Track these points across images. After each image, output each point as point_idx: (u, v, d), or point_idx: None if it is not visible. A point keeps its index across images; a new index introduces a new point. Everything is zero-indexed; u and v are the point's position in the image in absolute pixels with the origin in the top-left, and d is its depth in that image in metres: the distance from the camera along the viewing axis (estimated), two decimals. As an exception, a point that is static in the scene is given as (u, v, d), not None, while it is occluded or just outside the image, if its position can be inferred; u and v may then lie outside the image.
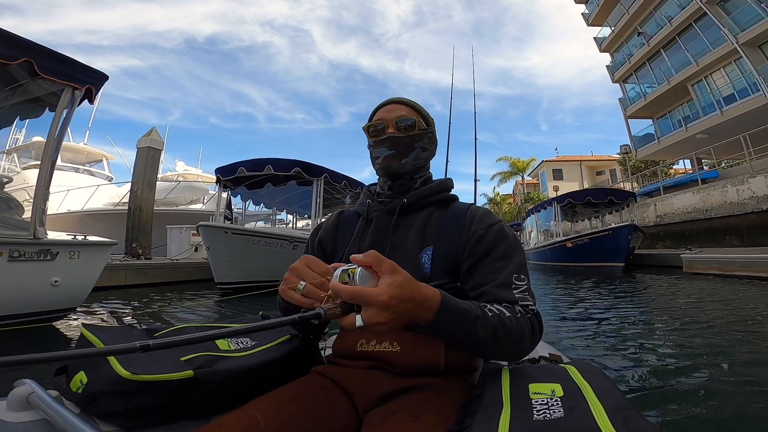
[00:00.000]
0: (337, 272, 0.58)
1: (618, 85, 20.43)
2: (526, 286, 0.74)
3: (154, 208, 9.44)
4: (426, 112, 0.91)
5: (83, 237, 3.64)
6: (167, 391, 0.68)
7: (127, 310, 4.77)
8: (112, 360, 0.67)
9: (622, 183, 22.09)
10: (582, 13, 22.22)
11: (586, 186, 27.07)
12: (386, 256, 0.57)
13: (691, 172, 17.20)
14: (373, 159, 0.90)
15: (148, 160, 9.10)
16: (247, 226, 9.26)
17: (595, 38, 21.55)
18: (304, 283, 0.60)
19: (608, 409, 0.51)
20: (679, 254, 8.88)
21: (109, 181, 14.52)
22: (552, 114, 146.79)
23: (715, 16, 13.60)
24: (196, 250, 9.41)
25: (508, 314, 0.66)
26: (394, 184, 0.90)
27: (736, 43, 12.90)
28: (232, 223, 7.60)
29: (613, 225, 10.84)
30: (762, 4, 11.84)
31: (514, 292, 0.72)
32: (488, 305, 0.67)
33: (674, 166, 20.78)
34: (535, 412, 0.53)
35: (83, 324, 1.37)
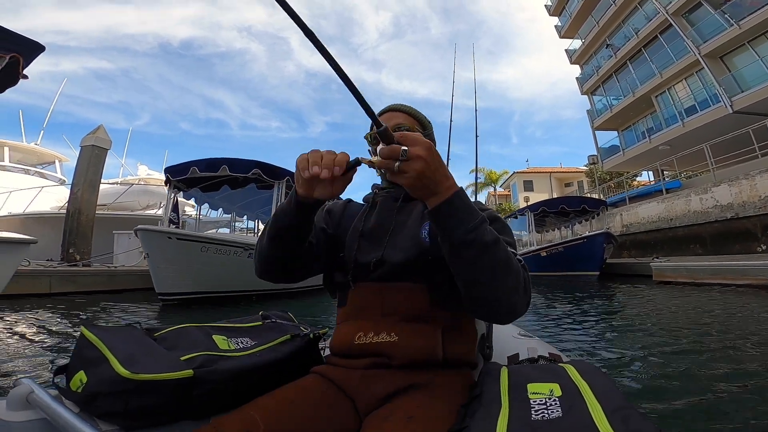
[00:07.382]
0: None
1: (586, 97, 20.98)
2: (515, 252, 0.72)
3: (101, 212, 8.78)
4: (423, 116, 0.96)
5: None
6: (167, 390, 0.65)
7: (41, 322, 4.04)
8: (112, 359, 0.65)
9: (589, 194, 22.57)
10: (555, 26, 22.89)
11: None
12: (389, 235, 0.67)
13: (653, 183, 17.71)
14: None
15: (91, 160, 8.37)
16: (209, 233, 8.58)
17: (566, 50, 22.19)
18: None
19: (607, 408, 0.50)
20: (648, 263, 8.85)
21: (62, 183, 13.61)
22: (523, 127, 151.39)
23: (680, 27, 14.06)
24: (146, 257, 8.60)
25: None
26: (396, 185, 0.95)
27: (699, 54, 13.34)
28: (178, 227, 6.89)
29: (587, 233, 10.74)
30: (726, 15, 12.31)
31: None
32: None
33: (637, 178, 21.43)
34: (533, 411, 0.52)
35: (83, 323, 1.31)
